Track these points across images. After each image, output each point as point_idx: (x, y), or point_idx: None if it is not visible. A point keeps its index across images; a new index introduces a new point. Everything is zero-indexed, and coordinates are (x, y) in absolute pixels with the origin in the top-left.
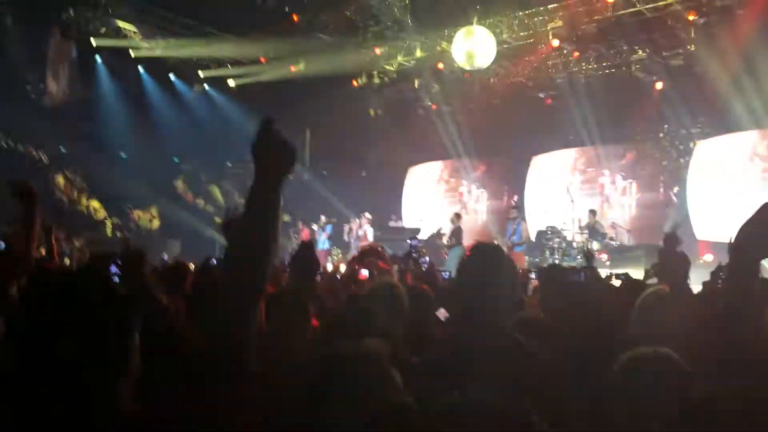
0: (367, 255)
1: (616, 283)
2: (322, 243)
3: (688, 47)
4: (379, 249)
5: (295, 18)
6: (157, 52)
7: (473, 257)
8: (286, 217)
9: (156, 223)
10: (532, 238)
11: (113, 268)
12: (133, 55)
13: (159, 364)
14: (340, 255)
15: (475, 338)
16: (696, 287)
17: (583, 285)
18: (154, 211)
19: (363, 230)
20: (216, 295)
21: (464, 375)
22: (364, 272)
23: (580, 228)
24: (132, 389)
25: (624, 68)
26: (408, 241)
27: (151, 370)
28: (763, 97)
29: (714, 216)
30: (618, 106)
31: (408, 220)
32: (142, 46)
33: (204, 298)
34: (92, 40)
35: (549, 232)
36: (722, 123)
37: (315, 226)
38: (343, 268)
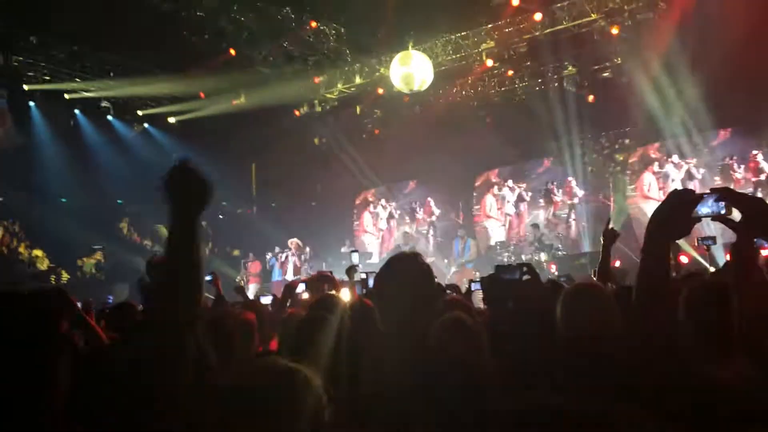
0: (317, 281)
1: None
2: (276, 274)
3: (615, 60)
4: (329, 274)
5: (232, 52)
6: (93, 94)
7: (387, 265)
8: (236, 252)
9: (101, 269)
10: (482, 253)
11: None
12: (67, 97)
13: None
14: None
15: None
16: None
17: (518, 281)
18: (98, 255)
19: (290, 259)
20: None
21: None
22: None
23: (528, 242)
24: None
25: (556, 83)
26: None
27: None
28: (688, 103)
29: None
30: (554, 120)
31: (361, 246)
32: (76, 88)
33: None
34: (24, 85)
35: (498, 248)
36: (651, 133)
37: (269, 256)
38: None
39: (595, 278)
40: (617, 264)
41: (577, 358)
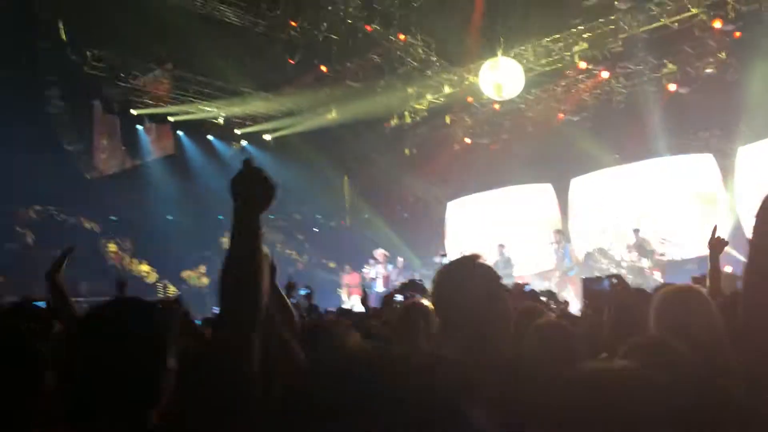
0: (407, 289)
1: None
2: (377, 285)
3: (719, 55)
4: (418, 281)
5: (323, 69)
6: (194, 116)
7: (446, 270)
8: (332, 264)
9: (205, 281)
10: (580, 262)
11: None
12: (171, 120)
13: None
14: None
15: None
16: None
17: (607, 291)
18: (202, 269)
19: (376, 271)
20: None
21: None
22: (399, 297)
23: (628, 247)
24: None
25: (655, 82)
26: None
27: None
28: None
29: None
30: (654, 121)
31: (453, 255)
32: (180, 111)
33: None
34: (132, 110)
35: (596, 254)
36: (763, 127)
37: (365, 268)
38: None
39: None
40: (727, 269)
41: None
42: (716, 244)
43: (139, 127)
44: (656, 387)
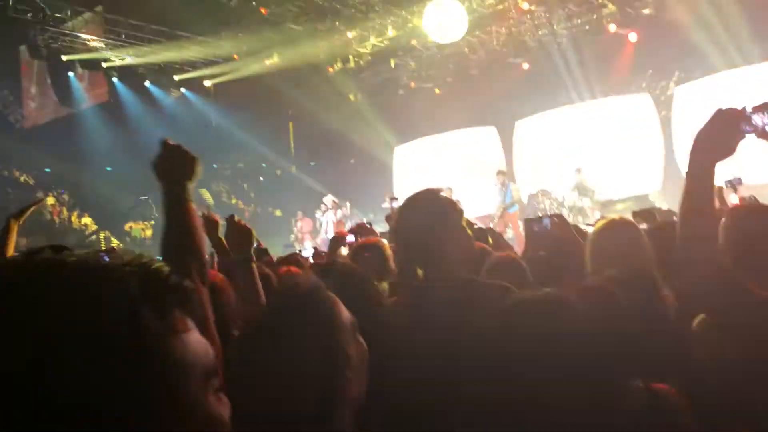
0: (358, 232)
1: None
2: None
3: None
4: (368, 225)
5: (263, 11)
6: (129, 61)
7: (410, 203)
8: (278, 212)
9: (149, 233)
10: (524, 202)
11: None
12: (105, 66)
13: None
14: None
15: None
16: None
17: (548, 230)
18: (149, 223)
19: (328, 217)
20: None
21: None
22: (350, 238)
23: (569, 188)
24: None
25: (596, 24)
26: (389, 203)
27: None
28: (733, 35)
29: None
30: (595, 63)
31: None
32: (113, 56)
33: None
34: (62, 56)
35: (539, 195)
36: (698, 67)
37: (318, 214)
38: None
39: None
40: (664, 207)
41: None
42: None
43: (71, 73)
44: (575, 311)
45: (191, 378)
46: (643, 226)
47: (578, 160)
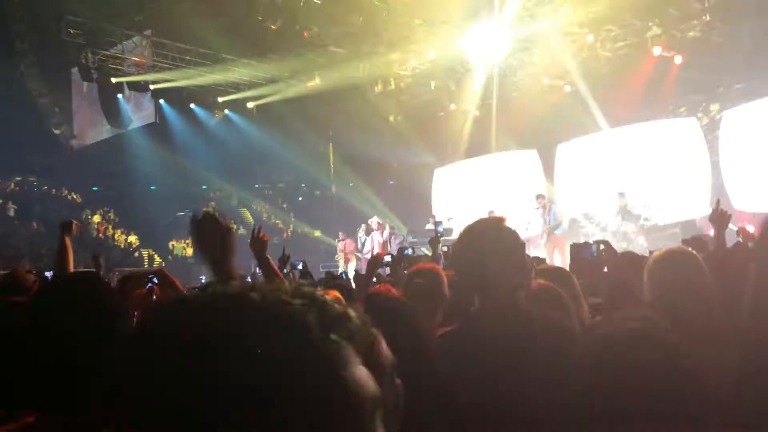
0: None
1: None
2: (367, 250)
3: (704, 18)
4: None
5: (305, 34)
6: (175, 83)
7: (473, 231)
8: (317, 232)
9: (190, 251)
10: (565, 225)
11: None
12: (152, 88)
13: None
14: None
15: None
16: None
17: (594, 257)
18: (189, 240)
19: (371, 236)
20: None
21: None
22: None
23: (613, 212)
24: None
25: (640, 46)
26: (434, 226)
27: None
28: None
29: (750, 185)
30: (638, 85)
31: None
32: (159, 79)
33: None
34: (111, 78)
35: (581, 219)
36: (745, 91)
37: (360, 234)
38: None
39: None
40: (711, 233)
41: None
42: (719, 219)
43: (120, 95)
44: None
45: (367, 411)
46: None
47: (622, 184)
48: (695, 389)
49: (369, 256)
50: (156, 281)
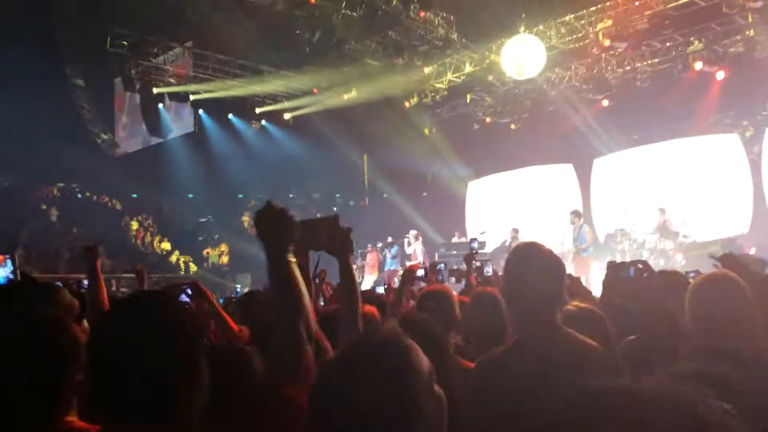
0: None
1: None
2: (389, 264)
3: (747, 33)
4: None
5: (343, 47)
6: (214, 94)
7: (513, 255)
8: None
9: (225, 259)
10: (601, 240)
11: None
12: (191, 98)
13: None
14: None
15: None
16: None
17: (633, 279)
18: (223, 247)
19: (412, 248)
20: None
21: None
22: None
23: (651, 229)
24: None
25: (681, 61)
26: (469, 243)
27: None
28: None
29: None
30: (679, 101)
31: (472, 236)
32: (199, 89)
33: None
34: (153, 88)
35: (618, 235)
36: None
37: (380, 246)
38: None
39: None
40: (752, 252)
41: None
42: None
43: (160, 105)
44: None
45: None
46: None
47: (660, 200)
48: None
49: (403, 266)
50: (189, 292)
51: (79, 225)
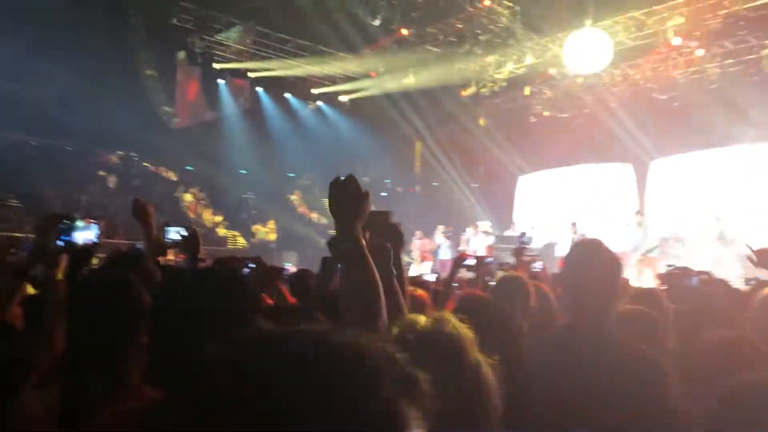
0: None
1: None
2: (444, 252)
3: None
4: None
5: (404, 32)
6: (273, 72)
7: (573, 251)
8: None
9: (273, 236)
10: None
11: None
12: (251, 75)
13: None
14: None
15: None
16: None
17: (695, 289)
18: (271, 224)
19: (474, 242)
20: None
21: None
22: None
23: (708, 237)
24: None
25: (753, 64)
26: (519, 238)
27: None
28: None
29: None
30: (747, 105)
31: (521, 230)
32: (259, 67)
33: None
34: (214, 64)
35: (672, 241)
36: None
37: (437, 234)
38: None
39: None
40: None
41: None
42: None
43: (221, 81)
44: None
45: None
46: None
47: (719, 208)
48: None
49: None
50: (253, 266)
51: (136, 194)
